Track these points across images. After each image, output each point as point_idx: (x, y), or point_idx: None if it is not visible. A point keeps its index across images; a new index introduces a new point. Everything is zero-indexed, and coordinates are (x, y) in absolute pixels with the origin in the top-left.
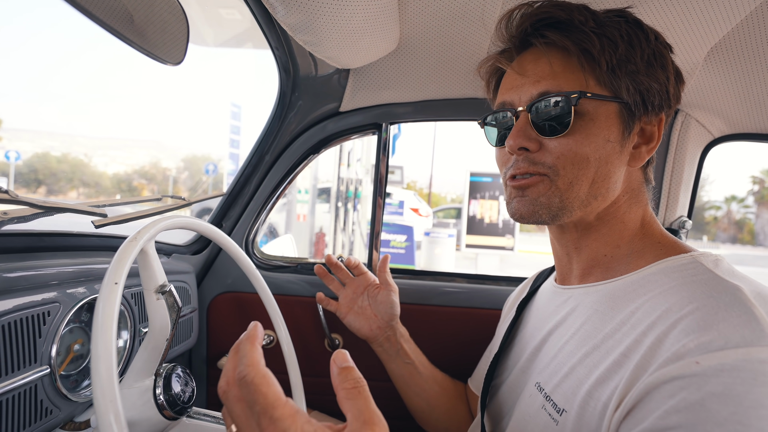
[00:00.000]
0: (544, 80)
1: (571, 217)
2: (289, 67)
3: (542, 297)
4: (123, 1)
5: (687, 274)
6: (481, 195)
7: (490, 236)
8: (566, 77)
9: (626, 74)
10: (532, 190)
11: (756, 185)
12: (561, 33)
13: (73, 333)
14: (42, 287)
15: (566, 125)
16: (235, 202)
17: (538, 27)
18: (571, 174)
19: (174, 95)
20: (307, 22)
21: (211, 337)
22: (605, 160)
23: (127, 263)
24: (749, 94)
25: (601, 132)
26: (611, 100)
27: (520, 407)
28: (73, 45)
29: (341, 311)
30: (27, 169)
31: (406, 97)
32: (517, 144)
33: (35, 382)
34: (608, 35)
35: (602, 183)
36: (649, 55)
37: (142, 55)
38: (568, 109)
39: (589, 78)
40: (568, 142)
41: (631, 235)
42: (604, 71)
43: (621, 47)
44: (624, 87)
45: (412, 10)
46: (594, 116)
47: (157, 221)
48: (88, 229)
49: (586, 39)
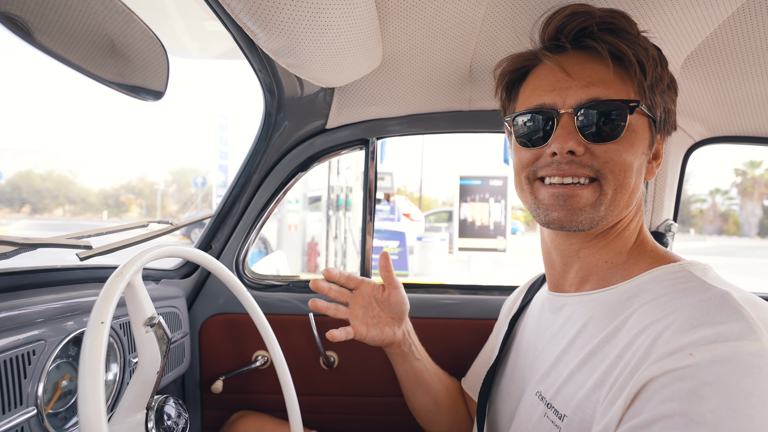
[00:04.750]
0: (594, 86)
1: (607, 224)
2: (273, 88)
3: (536, 306)
4: (100, 44)
5: (677, 282)
6: (471, 198)
7: (482, 238)
8: (616, 85)
9: (660, 92)
10: (577, 200)
11: (739, 177)
12: (620, 40)
13: (61, 369)
14: (26, 326)
15: (619, 132)
16: (224, 223)
17: (600, 30)
18: (617, 180)
19: (160, 107)
20: (289, 47)
21: (203, 361)
22: (640, 170)
23: (113, 300)
24: (727, 98)
25: (641, 143)
26: (649, 114)
27: (520, 416)
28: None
29: (360, 333)
30: (10, 188)
31: (392, 112)
32: (568, 146)
33: (21, 425)
34: (651, 52)
35: (635, 193)
36: (670, 80)
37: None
38: (623, 117)
39: (632, 89)
40: (617, 149)
41: (631, 244)
42: (646, 85)
43: (659, 66)
44: (658, 103)
45: (393, 29)
46: (636, 127)
47: (143, 253)
48: (73, 261)
49: (641, 51)
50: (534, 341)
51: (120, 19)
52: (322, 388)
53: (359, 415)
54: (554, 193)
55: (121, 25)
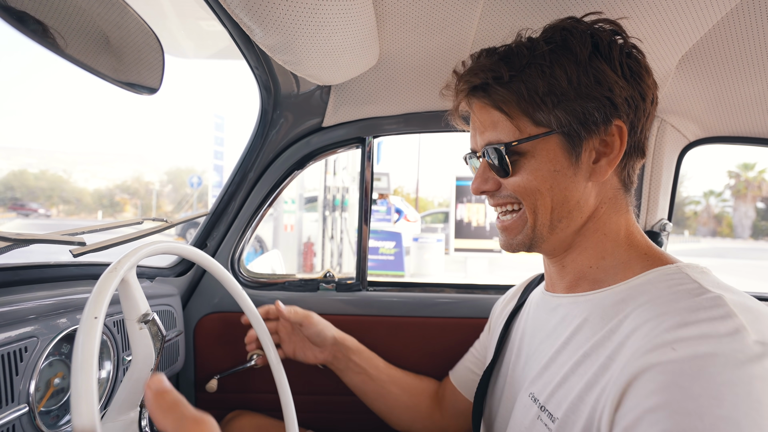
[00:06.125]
0: (487, 131)
1: (545, 243)
2: (269, 85)
3: (532, 306)
4: (96, 36)
5: (673, 284)
6: (467, 199)
7: (478, 239)
8: (501, 126)
9: (555, 106)
10: (508, 231)
11: (732, 179)
12: (482, 95)
13: (53, 366)
14: (18, 323)
15: (508, 169)
16: (220, 221)
17: (468, 94)
18: (531, 203)
19: (155, 107)
20: (285, 43)
21: (198, 360)
22: (557, 187)
23: (107, 296)
24: (721, 98)
25: (544, 165)
26: (544, 135)
27: (515, 417)
28: (48, 56)
29: (288, 354)
30: (3, 187)
31: (389, 110)
32: (478, 188)
33: (13, 423)
34: (527, 79)
35: (562, 207)
36: (579, 76)
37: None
38: (503, 157)
39: (520, 122)
40: (516, 180)
41: (614, 245)
42: (531, 113)
43: (541, 86)
44: (554, 119)
45: (390, 27)
46: (534, 153)
47: (137, 249)
48: (67, 258)
49: (501, 96)
50: (528, 340)
51: (116, 11)
52: (317, 387)
53: (355, 414)
54: (497, 225)
55: (117, 17)
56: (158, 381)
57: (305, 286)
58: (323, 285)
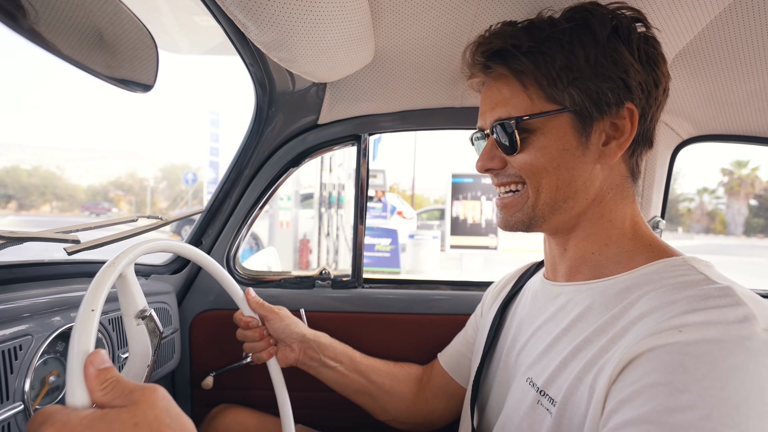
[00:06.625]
0: (498, 107)
1: (545, 222)
2: (264, 82)
3: (529, 293)
4: (89, 33)
5: (679, 274)
6: (463, 196)
7: (474, 236)
8: (513, 101)
9: (569, 83)
10: (507, 208)
11: (726, 177)
12: (499, 61)
13: (48, 364)
14: (12, 320)
15: (516, 145)
16: (215, 219)
17: (484, 58)
18: (535, 182)
19: (150, 103)
20: (280, 40)
21: (194, 357)
22: (565, 166)
23: (104, 289)
24: (714, 97)
25: (553, 143)
26: (555, 112)
27: (511, 402)
28: (41, 53)
29: (263, 360)
30: None
31: (384, 108)
32: (483, 166)
33: (8, 421)
34: (546, 51)
35: (568, 187)
36: (597, 56)
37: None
38: (521, 130)
39: (534, 96)
40: (523, 158)
41: (619, 234)
42: (545, 87)
43: (559, 59)
44: (568, 97)
45: (386, 24)
46: (544, 130)
47: (136, 245)
48: (61, 256)
49: (520, 63)
50: (525, 327)
51: (109, 8)
52: (313, 384)
53: (351, 410)
54: (496, 202)
55: (110, 14)
56: (99, 358)
57: (301, 284)
58: (319, 282)
